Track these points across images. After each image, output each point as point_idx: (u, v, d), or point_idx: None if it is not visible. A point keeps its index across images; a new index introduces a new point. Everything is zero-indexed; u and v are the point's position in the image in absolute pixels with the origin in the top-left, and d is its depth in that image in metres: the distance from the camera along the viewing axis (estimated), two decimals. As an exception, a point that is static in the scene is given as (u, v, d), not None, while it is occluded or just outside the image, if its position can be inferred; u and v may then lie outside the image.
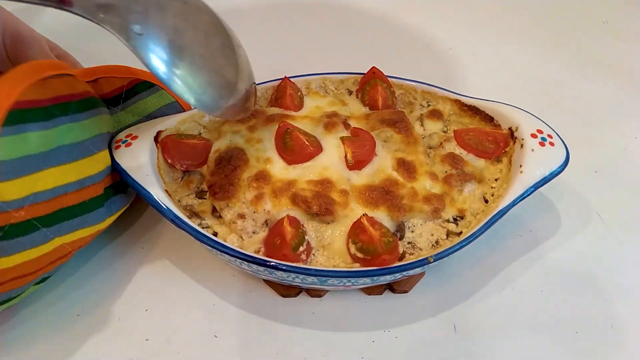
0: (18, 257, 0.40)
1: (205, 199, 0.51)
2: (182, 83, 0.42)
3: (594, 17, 0.90)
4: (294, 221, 0.47)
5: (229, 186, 0.49)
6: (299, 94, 0.61)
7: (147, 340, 0.46)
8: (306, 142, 0.51)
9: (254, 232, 0.48)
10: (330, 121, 0.55)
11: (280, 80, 0.61)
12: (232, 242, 0.47)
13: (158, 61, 0.40)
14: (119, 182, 0.49)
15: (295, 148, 0.51)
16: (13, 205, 0.38)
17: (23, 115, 0.39)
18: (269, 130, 0.54)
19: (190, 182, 0.52)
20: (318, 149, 0.52)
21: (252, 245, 0.47)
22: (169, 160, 0.52)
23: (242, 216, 0.48)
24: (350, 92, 0.63)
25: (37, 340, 0.46)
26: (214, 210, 0.50)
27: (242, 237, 0.48)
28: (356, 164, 0.51)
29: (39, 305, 0.48)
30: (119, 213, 0.50)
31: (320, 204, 0.47)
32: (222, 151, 0.52)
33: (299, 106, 0.59)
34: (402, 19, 0.90)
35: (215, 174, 0.51)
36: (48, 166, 0.41)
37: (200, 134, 0.57)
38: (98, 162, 0.46)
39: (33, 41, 0.44)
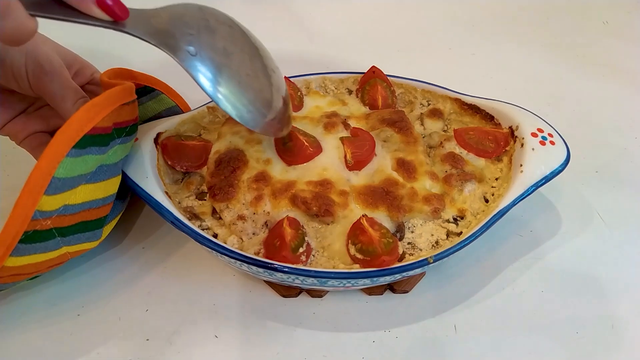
0: (26, 259, 0.41)
1: (205, 200, 0.51)
2: (228, 101, 0.43)
3: (594, 17, 0.90)
4: (293, 222, 0.47)
5: (229, 187, 0.49)
6: (299, 93, 0.61)
7: (147, 340, 0.46)
8: (305, 143, 0.51)
9: (254, 234, 0.48)
10: (330, 121, 0.55)
11: None
12: (232, 243, 0.47)
13: (208, 81, 0.41)
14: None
15: (295, 149, 0.51)
16: (45, 214, 0.40)
17: (92, 139, 0.41)
18: None
19: (190, 184, 0.52)
20: (318, 149, 0.52)
21: (252, 247, 0.47)
22: (169, 162, 0.52)
23: (242, 217, 0.48)
24: (350, 92, 0.63)
25: (37, 340, 0.46)
26: (214, 211, 0.50)
27: (242, 239, 0.48)
28: (356, 164, 0.51)
29: (39, 305, 0.48)
30: (114, 222, 0.50)
31: (320, 204, 0.47)
32: (221, 152, 0.52)
33: (299, 106, 0.59)
34: (402, 19, 0.90)
35: (215, 175, 0.51)
36: (85, 183, 0.42)
37: (200, 135, 0.57)
38: (119, 181, 0.47)
39: (53, 73, 0.45)
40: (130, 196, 0.54)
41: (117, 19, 0.37)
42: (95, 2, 0.36)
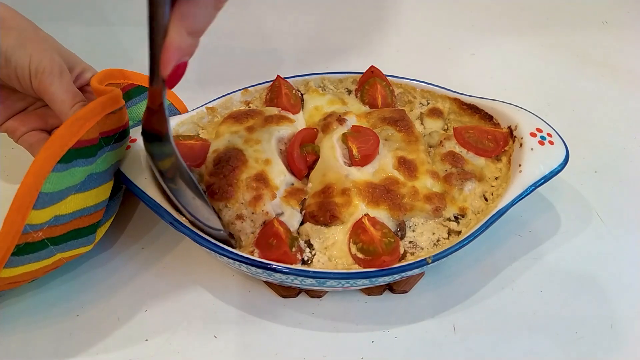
0: (21, 268, 0.42)
1: None
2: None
3: (594, 17, 0.90)
4: (283, 223, 0.47)
5: (228, 187, 0.49)
6: (294, 92, 0.60)
7: (147, 340, 0.46)
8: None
9: (252, 233, 0.48)
10: (325, 123, 0.55)
11: (274, 80, 0.60)
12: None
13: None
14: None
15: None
16: (36, 227, 0.40)
17: (78, 152, 0.41)
18: (267, 131, 0.54)
19: None
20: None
21: (247, 248, 0.47)
22: None
23: (240, 217, 0.48)
24: (349, 92, 0.63)
25: (37, 340, 0.46)
26: None
27: (240, 238, 0.48)
28: (362, 159, 0.51)
29: (39, 306, 0.48)
30: (107, 224, 0.50)
31: (324, 213, 0.47)
32: (220, 151, 0.52)
33: (295, 105, 0.59)
34: (402, 19, 0.90)
35: (213, 174, 0.50)
36: (75, 193, 0.42)
37: (198, 134, 0.57)
38: (110, 187, 0.47)
39: (54, 76, 0.46)
40: (123, 195, 0.54)
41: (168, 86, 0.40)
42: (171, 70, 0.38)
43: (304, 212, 0.49)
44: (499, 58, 0.81)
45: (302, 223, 0.49)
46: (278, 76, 0.60)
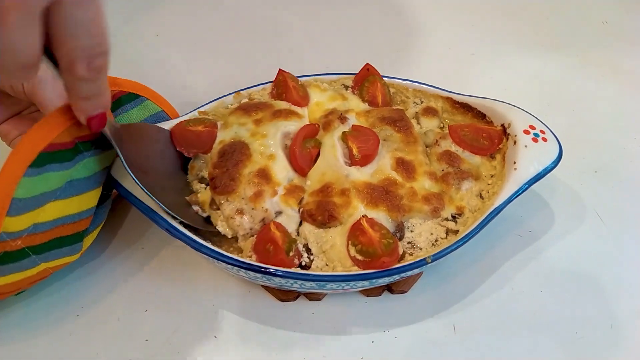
0: (3, 279, 0.41)
1: (204, 184, 0.51)
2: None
3: (593, 17, 0.90)
4: (280, 226, 0.47)
5: (230, 181, 0.49)
6: (300, 83, 0.60)
7: (147, 340, 0.46)
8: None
9: (250, 229, 0.48)
10: (327, 120, 0.55)
11: (277, 75, 0.60)
12: (224, 229, 0.48)
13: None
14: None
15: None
16: (13, 235, 0.39)
17: (51, 157, 0.40)
18: (274, 126, 0.53)
19: (193, 168, 0.52)
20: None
21: (245, 253, 0.47)
22: (178, 148, 0.52)
23: (240, 212, 0.48)
24: (346, 87, 0.62)
25: (37, 340, 0.46)
26: (213, 202, 0.50)
27: (239, 233, 0.48)
28: (363, 159, 0.51)
29: (38, 306, 0.48)
30: (95, 232, 0.49)
31: (323, 212, 0.47)
32: (226, 143, 0.52)
33: (304, 97, 0.58)
34: (402, 19, 0.89)
35: (217, 166, 0.50)
36: (54, 199, 0.41)
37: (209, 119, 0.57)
38: (97, 194, 0.46)
39: (47, 81, 0.46)
40: (114, 200, 0.53)
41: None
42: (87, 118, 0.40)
43: (301, 210, 0.49)
44: (499, 58, 0.81)
45: (300, 222, 0.49)
46: (280, 70, 0.60)
